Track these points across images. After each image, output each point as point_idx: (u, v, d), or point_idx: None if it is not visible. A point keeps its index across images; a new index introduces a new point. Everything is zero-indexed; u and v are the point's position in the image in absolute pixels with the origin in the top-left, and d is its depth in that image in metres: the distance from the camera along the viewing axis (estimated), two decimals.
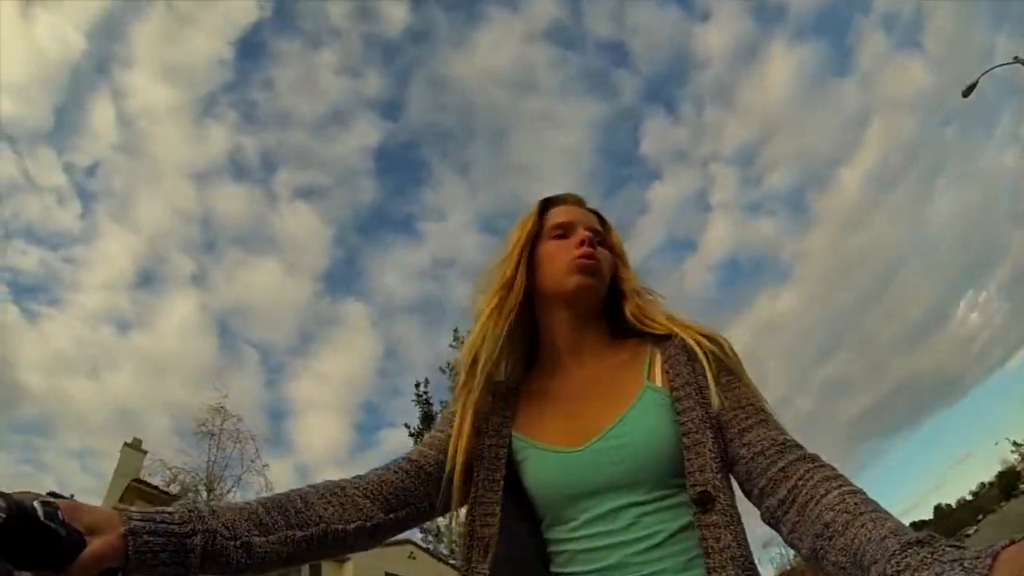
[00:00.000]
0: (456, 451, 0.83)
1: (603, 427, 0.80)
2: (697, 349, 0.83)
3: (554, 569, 0.80)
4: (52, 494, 0.56)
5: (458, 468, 0.83)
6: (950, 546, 0.48)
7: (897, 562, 0.49)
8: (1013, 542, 0.42)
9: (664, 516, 0.75)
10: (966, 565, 0.44)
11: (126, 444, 13.03)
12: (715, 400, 0.78)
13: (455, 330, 13.91)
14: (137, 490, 11.93)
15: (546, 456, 0.82)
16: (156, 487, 12.44)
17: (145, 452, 13.20)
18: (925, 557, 0.47)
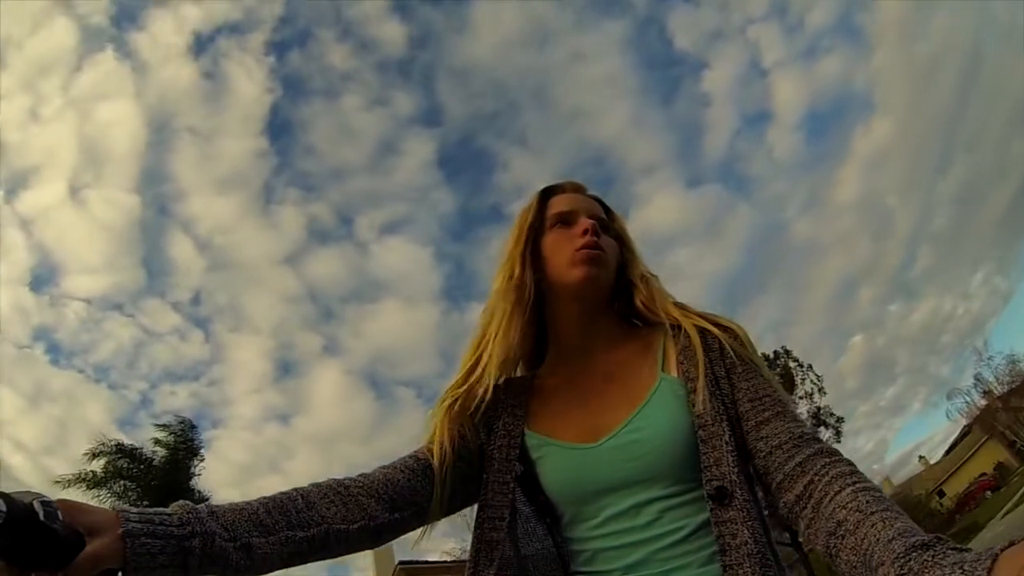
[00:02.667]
0: (440, 458, 0.80)
1: (620, 421, 0.79)
2: (712, 339, 0.81)
3: (575, 568, 0.78)
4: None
5: (437, 474, 0.80)
6: (952, 548, 0.48)
7: (901, 565, 0.49)
8: (1012, 543, 0.42)
9: (686, 511, 0.73)
10: (966, 568, 0.44)
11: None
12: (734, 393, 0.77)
13: None
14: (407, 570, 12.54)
15: (563, 453, 0.80)
16: (425, 561, 12.91)
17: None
18: (927, 560, 0.48)
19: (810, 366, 17.01)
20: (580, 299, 0.88)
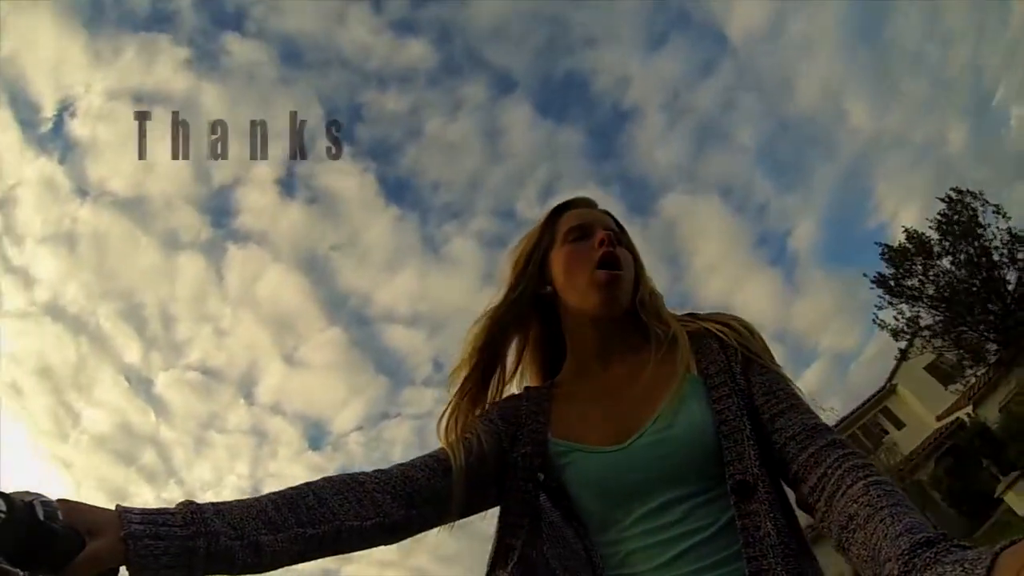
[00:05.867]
0: (459, 460, 0.81)
1: (645, 421, 0.79)
2: (726, 338, 0.84)
3: (607, 572, 0.76)
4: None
5: (455, 476, 0.80)
6: (955, 546, 0.49)
7: (905, 562, 0.51)
8: (1013, 543, 0.43)
9: (713, 508, 0.74)
10: (967, 566, 0.45)
11: None
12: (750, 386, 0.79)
13: None
14: None
15: (591, 458, 0.80)
16: None
17: None
18: (929, 558, 0.49)
19: (985, 199, 14.57)
20: (600, 321, 0.90)
